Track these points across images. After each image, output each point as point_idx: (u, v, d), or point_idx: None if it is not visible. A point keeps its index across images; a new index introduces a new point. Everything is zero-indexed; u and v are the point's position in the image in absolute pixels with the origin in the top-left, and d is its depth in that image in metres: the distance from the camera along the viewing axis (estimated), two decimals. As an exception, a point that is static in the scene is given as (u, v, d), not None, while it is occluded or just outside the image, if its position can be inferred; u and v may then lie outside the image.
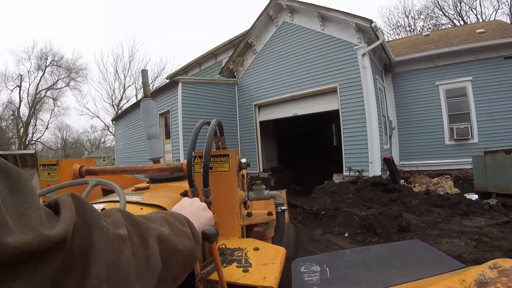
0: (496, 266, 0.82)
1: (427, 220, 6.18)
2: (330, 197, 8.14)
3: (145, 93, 2.57)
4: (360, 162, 9.83)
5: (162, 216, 0.70)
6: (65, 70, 35.04)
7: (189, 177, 1.57)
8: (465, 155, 10.82)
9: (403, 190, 8.19)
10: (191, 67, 18.17)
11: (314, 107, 11.21)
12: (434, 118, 11.72)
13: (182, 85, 11.19)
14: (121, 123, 19.16)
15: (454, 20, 27.71)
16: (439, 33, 15.53)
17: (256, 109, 12.75)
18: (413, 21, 30.13)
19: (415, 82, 12.14)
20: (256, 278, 1.31)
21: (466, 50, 11.18)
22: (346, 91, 10.20)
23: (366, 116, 9.67)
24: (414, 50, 12.87)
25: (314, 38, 11.08)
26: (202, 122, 1.80)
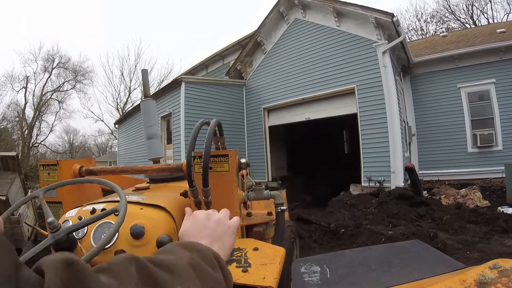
0: (496, 266, 0.81)
1: (463, 239, 5.44)
2: (348, 212, 7.30)
3: (145, 93, 2.58)
4: (381, 171, 8.99)
5: (189, 262, 0.58)
6: (71, 72, 34.72)
7: (188, 177, 1.56)
8: (489, 163, 10.28)
9: (431, 204, 7.38)
10: (197, 69, 17.45)
11: (328, 110, 10.41)
12: (456, 124, 10.98)
13: (186, 85, 10.43)
14: (123, 127, 18.62)
15: (466, 24, 27.32)
16: (457, 34, 15.01)
17: (265, 112, 11.97)
18: (425, 24, 29.84)
19: (435, 84, 11.43)
20: (255, 278, 1.33)
21: (489, 50, 10.52)
22: (365, 93, 9.41)
23: (388, 120, 8.86)
24: (433, 50, 12.22)
25: (328, 35, 10.34)
26: (202, 122, 1.81)
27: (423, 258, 1.26)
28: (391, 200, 7.31)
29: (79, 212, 1.56)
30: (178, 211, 1.70)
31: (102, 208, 1.50)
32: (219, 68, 15.72)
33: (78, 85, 35.55)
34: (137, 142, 15.19)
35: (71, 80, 34.92)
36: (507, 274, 0.78)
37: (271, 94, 11.73)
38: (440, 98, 11.26)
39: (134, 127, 15.56)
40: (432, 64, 11.33)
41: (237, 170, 1.87)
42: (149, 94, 2.59)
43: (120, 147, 20.06)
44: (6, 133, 27.67)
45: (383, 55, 9.07)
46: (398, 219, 6.57)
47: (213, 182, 1.64)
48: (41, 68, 32.87)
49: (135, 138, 15.68)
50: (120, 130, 19.79)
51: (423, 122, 11.46)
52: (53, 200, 1.96)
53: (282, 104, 11.45)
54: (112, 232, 1.06)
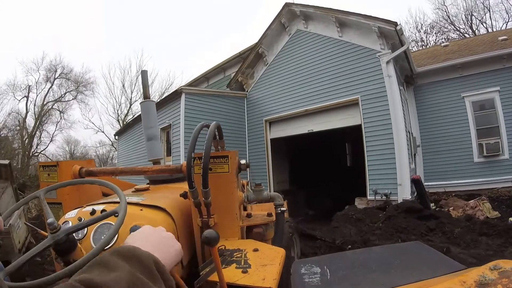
0: (496, 268, 0.82)
1: (477, 253, 5.23)
2: (354, 227, 7.02)
3: (144, 95, 2.56)
4: (387, 184, 8.74)
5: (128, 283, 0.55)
6: (73, 83, 34.66)
7: (188, 178, 1.54)
8: (496, 173, 10.12)
9: (441, 217, 7.10)
10: (198, 81, 17.39)
11: (332, 122, 10.19)
12: (461, 134, 10.79)
13: (186, 96, 10.26)
14: (123, 138, 18.43)
15: (465, 34, 27.37)
16: (458, 43, 14.99)
17: (267, 125, 11.75)
18: (426, 35, 29.98)
19: (439, 94, 11.30)
20: (255, 279, 1.32)
21: (492, 58, 10.39)
22: (369, 103, 9.21)
23: (393, 131, 8.65)
24: (435, 60, 12.14)
25: (331, 46, 10.20)
26: (202, 124, 1.80)
27: (423, 260, 1.26)
28: (399, 214, 7.06)
29: (79, 213, 1.56)
30: (178, 212, 1.72)
31: (102, 209, 1.50)
32: (220, 81, 15.61)
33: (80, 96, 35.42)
34: (137, 153, 14.98)
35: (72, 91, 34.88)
36: (507, 275, 0.78)
37: (273, 106, 11.55)
38: (444, 108, 11.10)
39: (134, 138, 15.36)
40: (435, 74, 11.21)
41: (237, 171, 1.88)
42: (149, 95, 2.56)
43: (119, 159, 19.81)
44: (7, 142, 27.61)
45: (387, 65, 8.90)
46: (407, 233, 6.32)
47: (213, 183, 1.64)
48: (43, 78, 32.88)
49: (134, 150, 15.47)
50: (120, 142, 19.59)
51: (427, 132, 11.28)
52: (53, 201, 1.95)
53: (284, 116, 11.26)
54: (112, 233, 1.05)
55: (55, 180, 2.04)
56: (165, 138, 11.77)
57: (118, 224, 1.05)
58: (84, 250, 1.26)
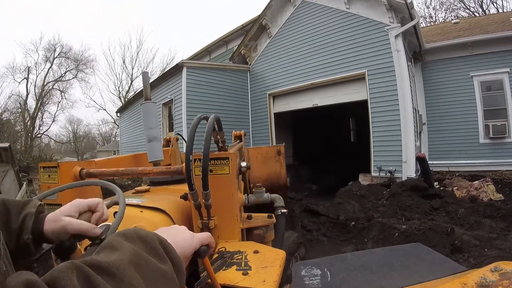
0: (497, 269, 0.82)
1: (480, 235, 5.11)
2: (358, 203, 6.92)
3: (145, 96, 2.55)
4: (392, 161, 8.58)
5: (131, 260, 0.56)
6: (73, 61, 34.42)
7: (188, 180, 1.52)
8: (501, 155, 10.02)
9: (445, 196, 7.04)
10: (200, 55, 17.00)
11: (337, 96, 9.95)
12: (468, 113, 10.61)
13: (187, 70, 9.98)
14: (125, 115, 18.20)
15: (475, 13, 26.80)
16: (469, 21, 14.59)
17: (271, 99, 11.51)
18: (434, 12, 29.57)
19: (447, 72, 11.03)
20: (255, 281, 1.31)
21: (504, 39, 10.09)
22: (376, 78, 8.95)
23: (400, 107, 8.42)
24: (445, 37, 11.84)
25: (337, 18, 9.83)
26: (199, 117, 1.75)
27: (424, 261, 1.26)
28: (403, 192, 6.97)
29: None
30: (178, 214, 1.71)
31: None
32: (222, 54, 15.25)
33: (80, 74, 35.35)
34: (139, 130, 14.76)
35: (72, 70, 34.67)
36: (508, 277, 0.77)
37: (277, 80, 11.26)
38: (452, 86, 10.90)
39: (136, 115, 15.15)
40: (445, 51, 10.92)
41: (237, 173, 1.86)
42: (149, 96, 2.56)
43: (122, 136, 19.71)
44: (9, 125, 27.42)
45: (395, 39, 8.59)
46: (411, 212, 6.24)
47: (213, 185, 1.62)
48: (42, 58, 32.66)
49: (136, 126, 15.26)
50: (122, 119, 19.38)
51: (434, 110, 11.10)
52: (53, 202, 1.89)
53: (288, 90, 10.99)
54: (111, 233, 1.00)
55: (56, 181, 2.02)
56: (167, 113, 11.57)
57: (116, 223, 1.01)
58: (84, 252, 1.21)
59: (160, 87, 11.58)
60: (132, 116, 16.11)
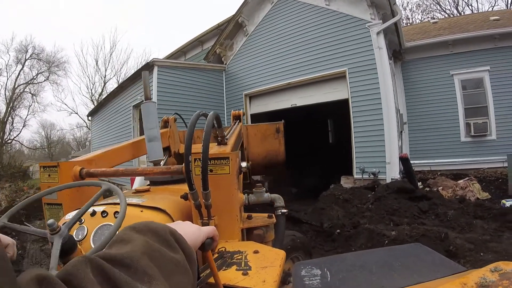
0: (497, 269, 0.82)
1: (473, 238, 4.90)
2: (342, 208, 6.45)
3: (145, 96, 2.54)
4: (375, 162, 8.25)
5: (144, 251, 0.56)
6: (45, 63, 33.27)
7: (188, 180, 1.52)
8: (482, 153, 10.16)
9: (433, 198, 6.64)
10: (175, 56, 16.36)
11: (317, 96, 9.57)
12: (449, 112, 10.65)
13: (158, 69, 9.38)
14: (97, 118, 17.39)
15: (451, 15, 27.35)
16: (448, 21, 14.75)
17: (247, 99, 11.05)
18: (411, 13, 29.96)
19: (427, 71, 11.03)
20: (255, 281, 1.31)
21: (484, 37, 10.26)
22: (358, 76, 8.62)
23: (383, 106, 8.11)
24: (425, 36, 11.90)
25: (317, 15, 9.47)
26: (198, 114, 1.75)
27: (424, 261, 1.23)
28: (389, 195, 6.56)
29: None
30: (178, 213, 1.69)
31: (103, 210, 1.49)
32: (198, 54, 14.65)
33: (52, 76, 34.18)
34: (110, 134, 14.09)
35: (44, 72, 33.50)
36: (508, 277, 0.77)
37: (254, 79, 10.82)
38: (433, 85, 10.91)
39: (108, 117, 14.40)
40: (425, 49, 10.93)
41: (237, 172, 1.87)
42: (149, 96, 2.54)
43: (94, 140, 18.84)
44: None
45: (377, 36, 8.31)
46: (399, 216, 5.85)
47: (213, 184, 1.62)
48: (13, 60, 31.40)
49: (108, 130, 14.56)
50: (94, 122, 18.53)
51: (414, 110, 11.05)
52: (53, 202, 1.93)
53: (265, 90, 10.56)
54: (111, 233, 1.01)
55: (56, 181, 2.00)
56: (138, 116, 10.94)
57: (117, 223, 1.02)
58: (84, 252, 1.22)
59: (131, 88, 10.95)
60: (104, 119, 15.32)
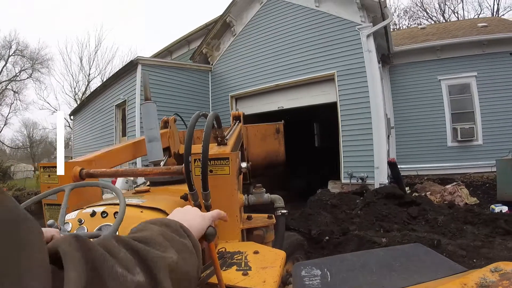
0: (497, 270, 0.82)
1: (465, 244, 4.84)
2: (330, 214, 6.31)
3: (145, 96, 2.56)
4: (363, 167, 8.12)
5: (160, 232, 0.65)
6: (29, 60, 32.26)
7: (188, 180, 1.51)
8: (469, 158, 10.18)
9: (422, 203, 6.57)
10: (161, 55, 15.98)
11: (305, 98, 9.43)
12: (436, 117, 10.65)
13: (142, 68, 9.05)
14: (79, 118, 16.76)
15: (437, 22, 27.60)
16: (436, 27, 14.95)
17: (233, 101, 10.81)
18: (398, 19, 30.34)
19: (415, 76, 11.03)
20: (255, 281, 1.32)
21: (472, 43, 10.32)
22: (347, 79, 8.50)
23: (372, 110, 8.00)
24: (414, 41, 11.96)
25: (306, 16, 9.35)
26: (198, 114, 1.75)
27: (424, 262, 1.23)
28: (378, 200, 6.46)
29: (79, 214, 1.50)
30: None
31: (102, 211, 1.45)
32: (185, 54, 14.36)
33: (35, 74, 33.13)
34: (93, 134, 13.61)
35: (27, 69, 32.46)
36: (508, 277, 0.77)
37: (240, 81, 10.59)
38: (420, 90, 10.91)
39: (91, 117, 13.89)
40: (413, 54, 10.94)
41: (237, 173, 1.87)
42: (149, 96, 2.55)
43: (75, 140, 18.16)
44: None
45: (367, 39, 8.24)
46: (389, 222, 5.76)
47: (213, 185, 1.61)
48: (-4, 56, 30.30)
49: (90, 130, 14.05)
50: (76, 122, 17.89)
51: (401, 114, 11.01)
52: (53, 203, 1.93)
53: (252, 92, 10.35)
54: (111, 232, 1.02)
55: (56, 181, 1.98)
56: (121, 116, 10.57)
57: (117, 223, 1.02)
58: None
59: (113, 86, 10.58)
60: (86, 119, 14.78)
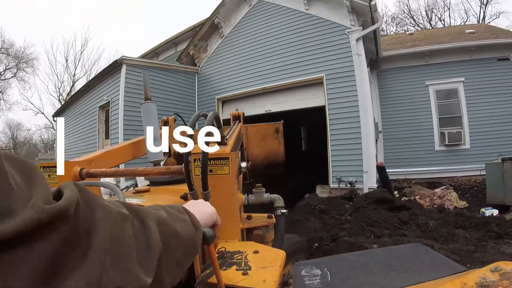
0: (497, 269, 0.81)
1: (457, 249, 4.82)
2: (319, 219, 6.18)
3: (145, 96, 2.60)
4: (352, 171, 8.01)
5: (159, 205, 0.71)
6: (14, 58, 31.59)
7: (187, 180, 1.46)
8: (456, 162, 10.35)
9: (412, 208, 6.52)
10: (148, 56, 15.66)
11: (293, 102, 9.31)
12: (424, 122, 10.79)
13: (127, 68, 8.82)
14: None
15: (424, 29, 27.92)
16: (424, 32, 15.26)
17: (220, 104, 10.63)
18: (386, 25, 30.62)
19: (403, 81, 11.16)
20: (255, 281, 1.32)
21: (460, 49, 10.50)
22: (335, 83, 8.42)
23: (361, 114, 7.93)
24: (402, 46, 12.14)
25: (296, 19, 9.27)
26: (198, 114, 1.72)
27: (424, 261, 1.21)
28: (368, 205, 6.37)
29: None
30: None
31: None
32: (171, 56, 14.10)
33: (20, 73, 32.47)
34: (76, 136, 13.21)
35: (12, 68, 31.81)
36: (508, 277, 0.77)
37: (227, 83, 10.42)
38: (408, 94, 11.03)
39: (74, 118, 13.48)
40: (401, 59, 11.04)
41: (237, 173, 1.87)
42: (149, 96, 2.58)
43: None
44: None
45: (356, 43, 8.20)
46: (379, 227, 5.65)
47: (213, 185, 1.52)
48: (-20, 55, 29.54)
49: (73, 132, 13.61)
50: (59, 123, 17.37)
51: (389, 119, 11.07)
52: None
53: (239, 95, 10.18)
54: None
55: (56, 181, 1.93)
56: (104, 118, 10.29)
57: None
58: None
59: (97, 87, 10.29)
60: (69, 121, 14.24)
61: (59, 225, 0.40)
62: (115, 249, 0.47)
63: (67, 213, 0.41)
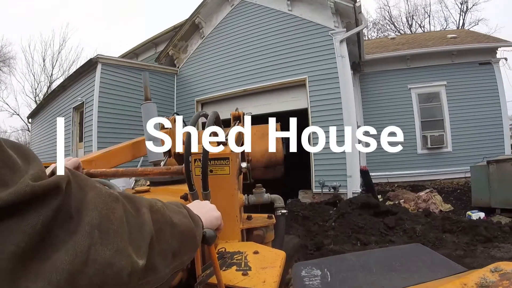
0: (497, 270, 0.81)
1: (447, 254, 4.54)
2: (302, 226, 5.96)
3: (145, 96, 2.66)
4: (335, 175, 7.82)
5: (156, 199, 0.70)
6: (-10, 57, 30.17)
7: (188, 180, 1.45)
8: (438, 164, 10.48)
9: (398, 212, 6.36)
10: (127, 57, 15.00)
11: (274, 104, 9.07)
12: (406, 125, 10.74)
13: (102, 67, 8.40)
14: (37, 121, 15.59)
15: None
16: (406, 37, 15.47)
17: (199, 106, 10.32)
18: (367, 31, 30.68)
19: (385, 84, 11.23)
20: (255, 282, 1.32)
21: (442, 53, 10.70)
22: (318, 85, 8.27)
23: (344, 116, 7.80)
24: (384, 50, 12.20)
25: (278, 20, 9.11)
26: (198, 114, 1.71)
27: (424, 262, 1.23)
28: (353, 211, 6.19)
29: None
30: None
31: None
32: (151, 57, 13.72)
33: (-3, 72, 30.94)
34: (50, 139, 12.54)
35: (-13, 67, 30.29)
36: (508, 277, 0.77)
37: (207, 85, 10.12)
38: (390, 98, 11.10)
39: (49, 120, 12.85)
40: (383, 63, 11.11)
41: (237, 173, 1.87)
42: (149, 96, 2.61)
43: (33, 145, 16.86)
44: None
45: (340, 44, 8.09)
46: (366, 234, 5.48)
47: (213, 185, 1.51)
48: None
49: (47, 134, 12.99)
50: (34, 125, 16.64)
51: (371, 122, 10.86)
52: None
53: (219, 97, 9.90)
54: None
55: None
56: (78, 119, 9.80)
57: None
58: None
59: (72, 88, 9.79)
60: (43, 122, 13.70)
61: (51, 198, 0.43)
62: (104, 225, 0.47)
63: (58, 187, 0.44)
